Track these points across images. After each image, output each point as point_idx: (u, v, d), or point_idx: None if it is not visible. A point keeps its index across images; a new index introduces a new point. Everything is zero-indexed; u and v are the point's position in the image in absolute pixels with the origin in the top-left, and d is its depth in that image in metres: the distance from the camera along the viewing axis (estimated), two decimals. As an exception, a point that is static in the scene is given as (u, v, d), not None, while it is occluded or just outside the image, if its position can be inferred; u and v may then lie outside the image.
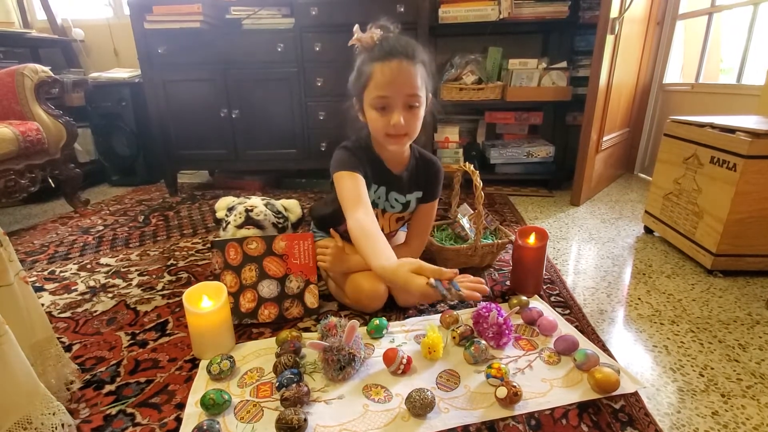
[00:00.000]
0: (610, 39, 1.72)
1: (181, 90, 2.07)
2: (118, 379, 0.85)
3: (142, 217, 1.91)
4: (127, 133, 2.41)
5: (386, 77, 0.89)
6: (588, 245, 1.52)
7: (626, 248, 1.49)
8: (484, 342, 0.88)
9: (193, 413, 0.75)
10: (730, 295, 1.16)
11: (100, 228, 1.77)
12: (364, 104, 0.97)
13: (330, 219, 1.14)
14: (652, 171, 1.54)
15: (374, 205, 1.09)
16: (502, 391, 0.75)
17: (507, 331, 0.91)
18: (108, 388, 0.83)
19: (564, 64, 2.10)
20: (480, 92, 2.12)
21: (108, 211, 2.00)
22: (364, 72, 0.93)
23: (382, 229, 1.12)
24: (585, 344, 0.92)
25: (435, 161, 1.13)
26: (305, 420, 0.70)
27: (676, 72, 2.29)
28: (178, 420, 0.74)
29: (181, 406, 0.78)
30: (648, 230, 1.60)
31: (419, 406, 0.73)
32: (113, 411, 0.77)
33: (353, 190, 0.94)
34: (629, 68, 2.05)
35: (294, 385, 0.76)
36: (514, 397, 0.74)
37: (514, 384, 0.75)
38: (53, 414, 0.61)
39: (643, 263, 1.37)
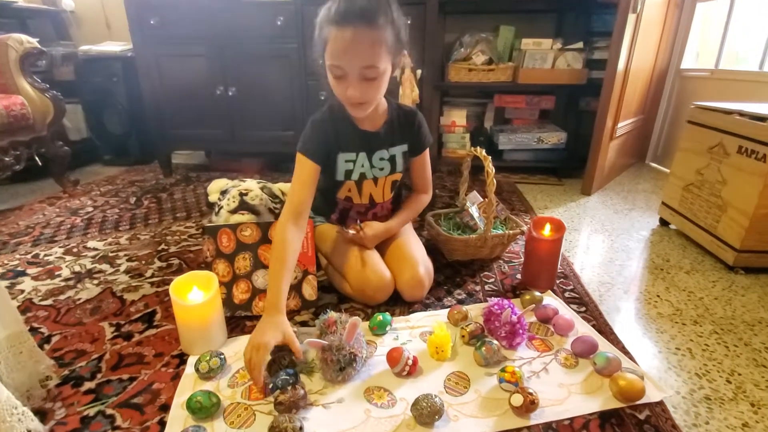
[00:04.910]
0: (631, 19, 1.61)
1: (174, 65, 1.96)
2: (99, 376, 0.79)
3: (134, 198, 1.83)
4: (119, 110, 2.31)
5: (339, 46, 0.80)
6: (601, 237, 1.45)
7: (641, 241, 1.42)
8: (496, 342, 0.81)
9: (178, 416, 0.69)
10: (753, 293, 1.10)
11: (90, 209, 1.69)
12: (325, 66, 0.86)
13: (322, 207, 1.13)
14: (666, 160, 1.46)
15: (363, 177, 1.02)
16: (518, 399, 0.68)
17: (521, 331, 0.84)
18: (87, 385, 0.77)
19: (580, 44, 1.98)
20: (490, 73, 2.02)
21: (98, 192, 1.92)
22: (323, 32, 0.83)
23: (375, 200, 1.07)
24: (605, 346, 0.85)
25: (414, 111, 1.06)
26: (301, 428, 0.63)
27: (693, 57, 2.18)
28: (162, 423, 0.68)
29: (165, 407, 0.71)
30: (663, 222, 1.53)
31: (426, 414, 0.66)
32: (91, 412, 0.71)
33: (299, 190, 0.93)
34: (647, 52, 1.94)
35: (289, 387, 0.69)
36: (530, 405, 0.68)
37: (531, 391, 0.69)
38: (18, 421, 0.54)
39: (660, 257, 1.30)
